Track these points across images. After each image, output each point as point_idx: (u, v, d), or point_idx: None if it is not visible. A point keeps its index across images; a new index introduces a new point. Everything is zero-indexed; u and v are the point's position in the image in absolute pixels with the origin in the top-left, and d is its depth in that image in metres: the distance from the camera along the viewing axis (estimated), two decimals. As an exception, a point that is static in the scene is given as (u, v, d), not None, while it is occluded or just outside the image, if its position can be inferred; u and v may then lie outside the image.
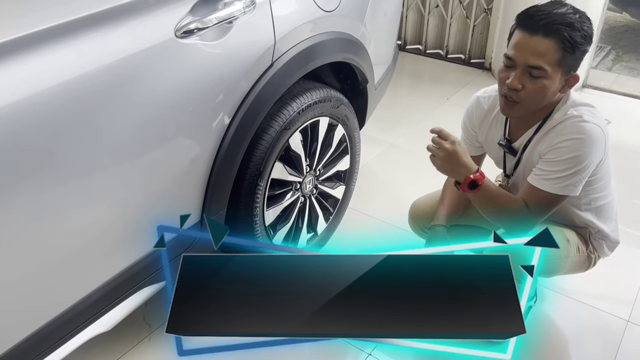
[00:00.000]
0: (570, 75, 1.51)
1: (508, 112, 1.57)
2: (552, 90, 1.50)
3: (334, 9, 1.89)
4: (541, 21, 1.43)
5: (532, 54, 1.44)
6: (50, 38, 1.17)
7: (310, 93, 1.86)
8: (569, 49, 1.43)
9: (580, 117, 1.52)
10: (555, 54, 1.43)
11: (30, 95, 1.14)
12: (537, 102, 1.52)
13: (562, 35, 1.42)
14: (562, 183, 1.53)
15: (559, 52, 1.43)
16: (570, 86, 1.53)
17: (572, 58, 1.46)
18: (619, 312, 2.04)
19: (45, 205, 1.23)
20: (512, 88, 1.49)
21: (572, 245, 1.72)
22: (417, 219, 1.95)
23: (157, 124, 1.41)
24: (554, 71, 1.46)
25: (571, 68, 1.49)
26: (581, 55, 1.47)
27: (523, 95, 1.50)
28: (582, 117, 1.52)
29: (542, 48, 1.43)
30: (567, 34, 1.42)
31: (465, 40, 4.33)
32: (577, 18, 1.45)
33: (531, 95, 1.49)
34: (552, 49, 1.43)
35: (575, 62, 1.48)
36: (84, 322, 1.44)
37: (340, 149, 2.13)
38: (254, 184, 1.75)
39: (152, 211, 1.47)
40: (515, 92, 1.50)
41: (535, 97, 1.50)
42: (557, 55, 1.44)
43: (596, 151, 1.52)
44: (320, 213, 2.16)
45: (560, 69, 1.46)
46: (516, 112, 1.56)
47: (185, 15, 1.41)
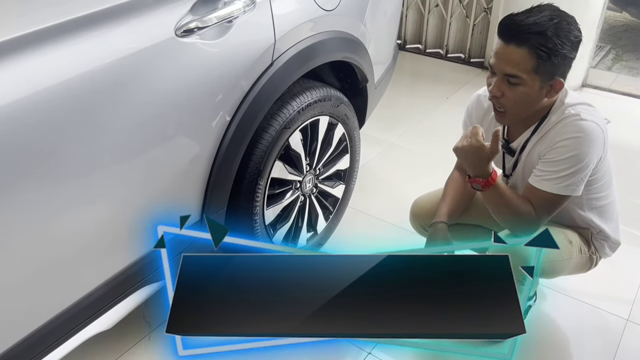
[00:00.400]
0: (555, 80, 1.50)
1: (499, 120, 1.61)
2: (533, 97, 1.51)
3: (334, 8, 1.89)
4: (514, 30, 1.45)
5: (508, 63, 1.47)
6: (50, 37, 1.17)
7: (310, 92, 1.85)
8: (543, 56, 1.44)
9: (577, 115, 1.53)
10: (529, 62, 1.45)
11: (29, 94, 1.14)
12: (522, 109, 1.53)
13: (533, 44, 1.43)
14: (563, 183, 1.53)
15: (533, 60, 1.45)
16: (556, 91, 1.53)
17: (549, 65, 1.46)
18: (618, 312, 2.04)
19: (45, 204, 1.23)
20: (494, 95, 1.52)
21: (575, 247, 1.72)
22: (418, 217, 1.95)
23: (157, 123, 1.41)
24: (530, 78, 1.47)
25: (552, 74, 1.48)
26: (562, 61, 1.46)
27: (505, 102, 1.52)
28: (580, 115, 1.52)
29: (516, 57, 1.45)
30: (537, 43, 1.43)
31: (465, 40, 4.33)
32: (552, 24, 1.44)
33: (512, 103, 1.52)
34: (526, 58, 1.45)
35: (555, 68, 1.47)
36: (84, 320, 1.44)
37: (340, 148, 2.13)
38: (254, 183, 1.75)
39: (152, 210, 1.47)
40: (497, 100, 1.53)
41: (516, 104, 1.52)
42: (531, 63, 1.45)
43: (595, 149, 1.52)
44: (320, 212, 2.16)
45: (538, 76, 1.47)
46: (506, 120, 1.60)
47: (185, 14, 1.41)
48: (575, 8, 3.62)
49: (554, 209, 1.59)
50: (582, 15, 3.52)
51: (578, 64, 3.71)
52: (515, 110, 1.54)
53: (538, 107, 1.56)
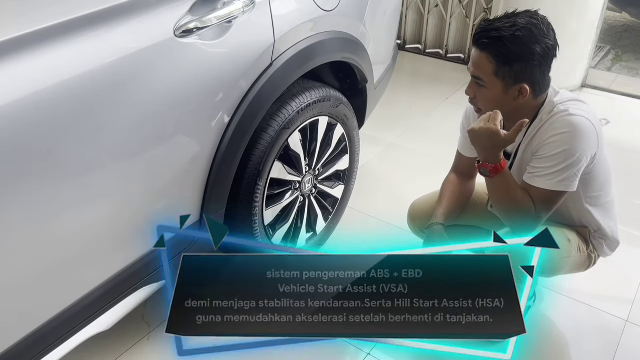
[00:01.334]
0: (520, 85, 1.52)
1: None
2: (498, 99, 1.55)
3: (334, 8, 1.89)
4: (477, 35, 1.53)
5: (473, 66, 1.56)
6: (50, 37, 1.17)
7: (310, 92, 1.85)
8: (502, 62, 1.50)
9: (566, 111, 1.54)
10: (489, 66, 1.52)
11: (30, 94, 1.14)
12: (491, 109, 1.55)
13: (491, 50, 1.51)
14: (556, 178, 1.54)
15: (493, 65, 1.51)
16: (524, 96, 1.54)
17: (510, 70, 1.50)
18: (617, 312, 2.04)
19: (45, 204, 1.23)
20: (467, 94, 1.61)
21: (573, 245, 1.73)
22: (416, 220, 1.95)
23: (157, 123, 1.41)
24: (491, 81, 1.53)
25: (515, 79, 1.52)
26: (523, 67, 1.49)
27: (477, 103, 1.61)
28: (568, 110, 1.54)
29: (478, 60, 1.54)
30: (494, 49, 1.50)
31: (464, 40, 4.33)
32: (514, 31, 1.47)
33: (484, 104, 1.59)
34: (485, 62, 1.52)
35: (517, 74, 1.51)
36: (83, 321, 1.44)
37: (339, 149, 2.13)
38: (253, 183, 1.75)
39: (152, 210, 1.47)
40: (473, 100, 1.62)
41: (488, 105, 1.57)
42: (491, 67, 1.52)
43: (587, 143, 1.52)
44: (320, 212, 2.16)
45: (499, 79, 1.52)
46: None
47: (184, 15, 1.41)
48: (575, 8, 3.64)
49: (551, 206, 1.59)
50: (582, 15, 3.53)
51: (578, 64, 3.75)
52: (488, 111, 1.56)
53: (516, 108, 1.57)
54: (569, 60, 3.67)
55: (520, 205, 1.57)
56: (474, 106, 1.64)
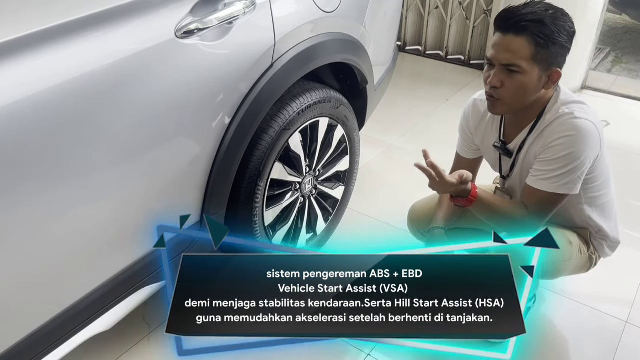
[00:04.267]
0: (552, 70, 1.52)
1: (492, 109, 1.61)
2: (531, 87, 1.52)
3: (334, 9, 1.89)
4: (511, 20, 1.49)
5: (506, 52, 1.49)
6: (51, 38, 1.17)
7: (310, 94, 1.86)
8: (542, 44, 1.47)
9: (571, 114, 1.54)
10: (528, 50, 1.47)
11: (30, 95, 1.14)
12: (518, 99, 1.54)
13: (531, 31, 1.46)
14: (560, 182, 1.54)
15: (532, 48, 1.47)
16: (554, 82, 1.54)
17: (548, 53, 1.48)
18: (617, 313, 2.04)
19: (45, 205, 1.23)
20: (493, 86, 1.53)
21: (575, 247, 1.73)
22: (416, 222, 1.95)
23: (157, 124, 1.41)
24: (529, 66, 1.49)
25: (550, 63, 1.51)
26: (559, 50, 1.49)
27: (503, 92, 1.53)
28: (574, 114, 1.53)
29: (515, 46, 1.48)
30: (536, 30, 1.46)
31: (465, 42, 4.33)
32: (548, 14, 1.48)
33: (510, 93, 1.53)
34: (524, 46, 1.47)
35: (553, 57, 1.50)
36: (83, 321, 1.44)
37: (339, 150, 2.13)
38: (254, 184, 1.75)
39: (152, 211, 1.47)
40: (496, 90, 1.54)
41: (515, 93, 1.53)
42: (529, 51, 1.47)
43: (591, 147, 1.53)
44: (320, 213, 2.16)
45: (536, 64, 1.49)
46: (499, 109, 1.59)
47: (185, 16, 1.41)
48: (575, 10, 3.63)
49: (553, 209, 1.60)
50: (582, 17, 3.53)
51: (578, 66, 3.75)
52: (510, 101, 1.55)
53: (534, 100, 1.56)
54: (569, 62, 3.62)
55: (510, 217, 1.59)
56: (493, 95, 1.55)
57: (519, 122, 1.64)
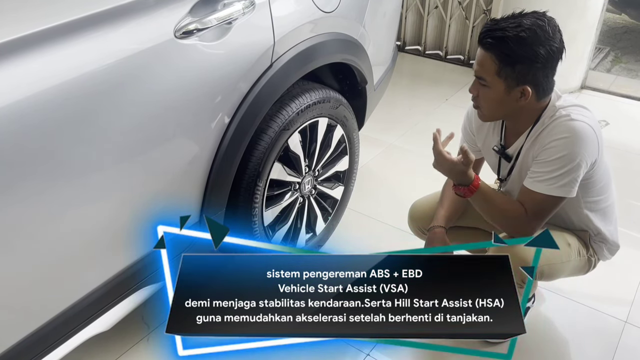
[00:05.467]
0: (522, 87, 1.51)
1: (480, 118, 1.67)
2: (499, 100, 1.55)
3: (333, 9, 1.89)
4: (483, 35, 1.52)
5: (476, 65, 1.56)
6: (51, 38, 1.17)
7: (309, 94, 1.86)
8: (505, 62, 1.49)
9: (567, 116, 1.54)
10: (492, 66, 1.51)
11: (30, 95, 1.14)
12: (495, 109, 1.59)
13: (495, 50, 1.49)
14: (556, 183, 1.54)
15: (496, 65, 1.50)
16: (526, 98, 1.54)
17: (511, 70, 1.49)
18: (616, 313, 2.04)
19: (45, 205, 1.23)
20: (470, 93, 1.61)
21: (573, 249, 1.73)
22: (416, 221, 1.95)
23: (157, 124, 1.41)
24: (494, 82, 1.53)
25: (517, 80, 1.51)
26: (527, 69, 1.48)
27: (479, 102, 1.60)
28: (570, 116, 1.54)
29: (482, 60, 1.53)
30: (499, 50, 1.49)
31: (464, 41, 4.34)
32: (519, 32, 1.45)
33: (484, 103, 1.59)
34: (489, 61, 1.51)
35: (520, 75, 1.49)
36: (83, 321, 1.44)
37: (339, 150, 2.13)
38: (253, 184, 1.75)
39: (152, 211, 1.47)
40: (475, 99, 1.61)
41: (487, 103, 1.58)
42: (494, 67, 1.51)
43: (587, 149, 1.52)
44: (319, 213, 2.16)
45: (501, 79, 1.52)
46: (484, 118, 1.65)
47: (184, 16, 1.41)
48: (574, 9, 3.64)
49: (550, 211, 1.59)
50: (582, 16, 3.54)
51: (577, 65, 3.75)
52: (488, 111, 1.60)
53: (521, 109, 1.57)
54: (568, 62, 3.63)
55: (506, 213, 1.60)
56: (476, 105, 1.64)
57: (516, 128, 1.66)
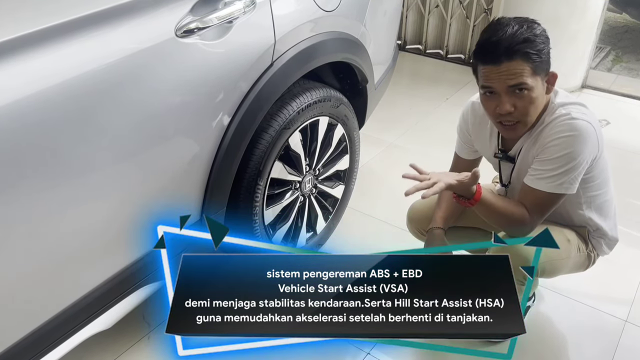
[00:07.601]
0: (549, 75, 1.54)
1: (513, 134, 1.60)
2: (540, 98, 1.54)
3: (334, 8, 1.89)
4: (498, 51, 1.47)
5: (509, 77, 1.48)
6: (51, 37, 1.17)
7: (310, 93, 1.86)
8: (537, 58, 1.47)
9: (568, 114, 1.54)
10: (528, 67, 1.47)
11: (30, 94, 1.14)
12: (532, 113, 1.55)
13: (524, 52, 1.46)
14: (557, 181, 1.54)
15: (530, 65, 1.47)
16: (552, 84, 1.55)
17: (543, 63, 1.50)
18: (617, 312, 2.04)
19: (45, 204, 1.23)
20: (505, 112, 1.51)
21: (573, 246, 1.73)
22: (415, 222, 1.95)
23: (157, 123, 1.41)
24: (534, 81, 1.50)
25: (547, 70, 1.53)
26: (548, 55, 1.51)
27: (517, 114, 1.53)
28: (570, 114, 1.54)
29: (515, 69, 1.47)
30: (528, 50, 1.46)
31: (465, 40, 4.33)
32: (525, 30, 1.47)
33: (525, 111, 1.53)
34: (523, 65, 1.47)
35: (546, 63, 1.52)
36: (83, 320, 1.44)
37: (339, 149, 2.13)
38: (254, 183, 1.75)
39: (152, 210, 1.47)
40: (510, 115, 1.53)
41: (529, 110, 1.53)
42: (530, 68, 1.47)
43: (588, 147, 1.53)
44: (320, 212, 2.16)
45: (538, 75, 1.50)
46: (519, 130, 1.59)
47: (185, 15, 1.41)
48: (575, 9, 3.64)
49: (549, 208, 1.60)
50: (582, 16, 3.53)
51: (578, 65, 3.75)
52: (527, 118, 1.55)
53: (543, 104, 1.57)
54: (569, 61, 3.67)
55: (511, 218, 1.59)
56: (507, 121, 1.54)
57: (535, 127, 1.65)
